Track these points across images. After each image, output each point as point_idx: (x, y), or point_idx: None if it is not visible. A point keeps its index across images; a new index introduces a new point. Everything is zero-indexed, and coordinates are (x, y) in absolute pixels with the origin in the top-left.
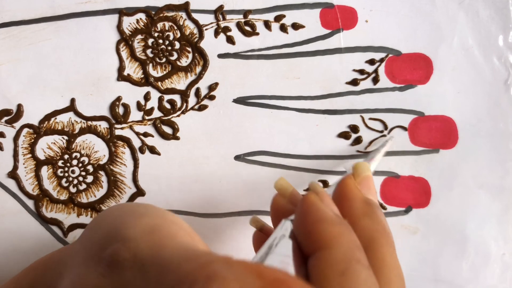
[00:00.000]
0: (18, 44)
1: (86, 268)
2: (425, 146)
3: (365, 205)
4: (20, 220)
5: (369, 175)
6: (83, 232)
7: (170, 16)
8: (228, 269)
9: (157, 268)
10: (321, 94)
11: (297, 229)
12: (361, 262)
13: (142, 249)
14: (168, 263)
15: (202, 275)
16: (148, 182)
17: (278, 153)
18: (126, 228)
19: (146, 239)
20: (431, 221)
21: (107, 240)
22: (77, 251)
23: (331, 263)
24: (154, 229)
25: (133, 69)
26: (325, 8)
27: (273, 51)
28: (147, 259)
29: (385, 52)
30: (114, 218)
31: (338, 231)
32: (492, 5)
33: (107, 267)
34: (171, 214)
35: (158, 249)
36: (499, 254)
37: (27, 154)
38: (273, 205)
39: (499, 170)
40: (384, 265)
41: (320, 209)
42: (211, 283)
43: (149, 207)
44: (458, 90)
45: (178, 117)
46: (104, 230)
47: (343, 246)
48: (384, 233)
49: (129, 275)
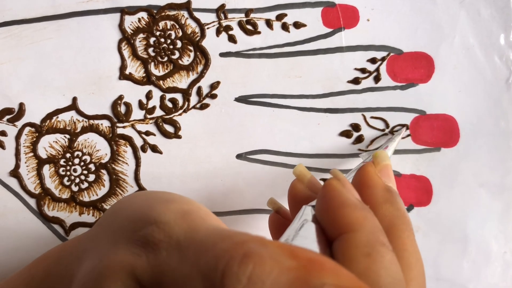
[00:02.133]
0: (19, 43)
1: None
2: (427, 144)
3: (386, 192)
4: (22, 218)
5: (389, 163)
6: (102, 218)
7: (172, 15)
8: (263, 247)
9: (194, 247)
10: (323, 92)
11: (320, 214)
12: (386, 245)
13: (177, 231)
14: (204, 243)
15: (238, 253)
16: (150, 180)
17: (279, 152)
18: (157, 213)
19: (179, 222)
20: (432, 219)
21: (138, 223)
22: (98, 235)
23: (356, 245)
24: (185, 213)
25: (135, 68)
26: (327, 7)
27: (275, 50)
28: (182, 240)
29: (386, 51)
30: (141, 203)
31: (362, 215)
32: (493, 4)
33: (141, 247)
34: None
35: (192, 230)
36: (500, 253)
37: (29, 152)
38: (291, 190)
39: (500, 169)
40: (405, 250)
41: (343, 194)
42: (247, 260)
43: (173, 194)
44: (459, 89)
45: (179, 116)
46: (132, 214)
47: (368, 229)
48: (404, 219)
49: (165, 254)
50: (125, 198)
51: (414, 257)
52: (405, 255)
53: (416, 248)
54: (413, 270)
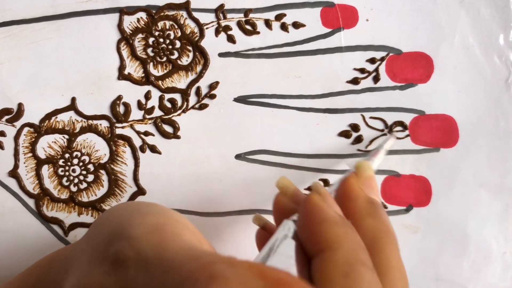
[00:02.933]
0: (18, 43)
1: (91, 266)
2: (426, 145)
3: (368, 204)
4: (21, 219)
5: (372, 174)
6: (88, 230)
7: (170, 15)
8: (231, 269)
9: (160, 267)
10: (322, 93)
11: (300, 230)
12: (365, 264)
13: (146, 248)
14: (171, 262)
15: (204, 275)
16: (149, 181)
17: (278, 152)
18: (130, 227)
19: (149, 238)
20: (431, 220)
21: (112, 239)
22: (82, 249)
23: (334, 265)
24: (158, 227)
25: (134, 68)
26: (326, 7)
27: (274, 50)
28: (150, 258)
29: (385, 51)
30: (119, 216)
31: (342, 232)
32: (493, 3)
33: (111, 265)
34: (176, 213)
35: (162, 248)
36: (500, 253)
37: (28, 153)
38: (275, 204)
39: (500, 169)
40: (388, 266)
41: (323, 209)
42: (213, 283)
43: (154, 206)
44: (458, 89)
45: (178, 116)
46: (108, 229)
47: (347, 247)
48: (388, 232)
49: (132, 273)
50: (108, 210)
51: (398, 273)
52: (388, 271)
53: (400, 263)
54: (397, 285)
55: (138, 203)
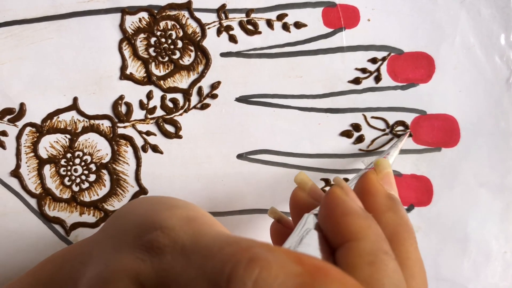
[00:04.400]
0: (20, 43)
1: (119, 254)
2: (427, 144)
3: (388, 200)
4: (23, 218)
5: (390, 171)
6: (106, 224)
7: (172, 15)
8: (270, 253)
9: (199, 252)
10: (323, 92)
11: (323, 222)
12: (389, 254)
13: (182, 236)
14: (209, 247)
15: (244, 257)
16: (151, 180)
17: (280, 152)
18: (162, 218)
19: (184, 228)
20: (432, 219)
21: (143, 229)
22: (103, 240)
23: (360, 254)
24: (190, 219)
25: (136, 68)
26: (327, 7)
27: (275, 50)
28: (188, 245)
29: (387, 51)
30: (146, 208)
31: (366, 224)
32: (494, 4)
33: (146, 252)
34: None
35: (198, 235)
36: (500, 253)
37: (30, 152)
38: (293, 198)
39: (501, 169)
40: (408, 258)
41: (347, 202)
42: (253, 265)
43: (177, 199)
44: (460, 88)
45: (180, 116)
46: (136, 220)
47: (371, 238)
48: (407, 227)
49: (169, 258)
50: (130, 203)
51: (417, 265)
52: (408, 264)
53: (419, 256)
54: (416, 278)
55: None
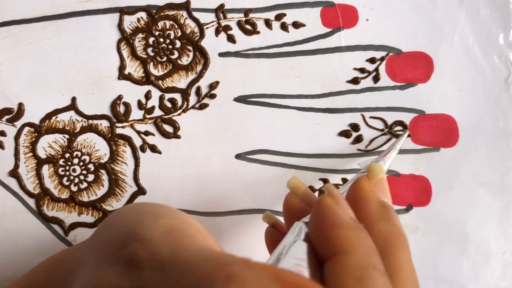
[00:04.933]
0: (18, 43)
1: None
2: (426, 144)
3: (381, 208)
4: (21, 219)
5: (384, 177)
6: (95, 231)
7: (171, 15)
8: (248, 270)
9: (177, 267)
10: (322, 92)
11: (312, 233)
12: (378, 269)
13: (161, 249)
14: (187, 263)
15: (221, 275)
16: (149, 180)
17: (279, 152)
18: (144, 229)
19: (164, 240)
20: (431, 219)
21: (124, 240)
22: (90, 249)
23: (348, 269)
24: (171, 230)
25: (134, 68)
26: (326, 6)
27: (274, 50)
28: (166, 259)
29: (385, 51)
30: (129, 218)
31: (355, 236)
32: (493, 3)
33: (125, 266)
34: (186, 215)
35: (177, 249)
36: (499, 253)
37: (28, 152)
38: (286, 203)
39: (500, 169)
40: (400, 270)
41: (337, 213)
42: (230, 283)
43: (164, 207)
44: (458, 88)
45: (179, 116)
46: (119, 230)
47: (360, 251)
48: (400, 236)
49: (147, 273)
50: (117, 211)
51: (410, 277)
52: (400, 276)
53: (411, 266)
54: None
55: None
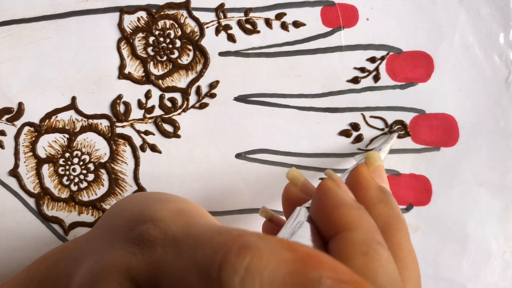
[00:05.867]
0: (18, 42)
1: (112, 249)
2: (426, 144)
3: (380, 192)
4: (21, 218)
5: (381, 164)
6: (99, 221)
7: (171, 14)
8: (261, 240)
9: (190, 242)
10: (322, 92)
11: (315, 214)
12: (382, 244)
13: (173, 228)
14: (200, 237)
15: (236, 245)
16: (149, 180)
17: (279, 151)
18: (153, 211)
19: (175, 220)
20: (431, 219)
21: (134, 222)
22: (95, 237)
23: (353, 244)
24: (181, 211)
25: (134, 67)
26: (326, 6)
27: (274, 49)
28: (178, 236)
29: (386, 50)
30: (138, 203)
31: (358, 214)
32: (493, 3)
33: (137, 245)
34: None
35: (189, 227)
36: (499, 252)
37: (28, 152)
38: (285, 193)
39: (500, 168)
40: (401, 249)
41: (339, 193)
42: (245, 252)
43: (171, 194)
44: (459, 88)
45: (179, 115)
46: (128, 214)
47: (364, 228)
48: (399, 219)
49: (160, 250)
50: (123, 200)
51: (410, 256)
52: (400, 255)
53: (411, 248)
54: (409, 269)
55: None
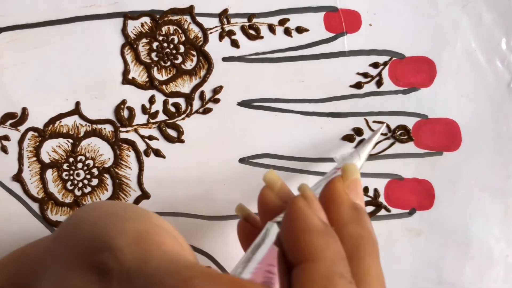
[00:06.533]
0: (22, 47)
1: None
2: (429, 148)
3: (352, 210)
4: (25, 223)
5: (358, 178)
6: (59, 230)
7: (174, 20)
8: (210, 284)
9: (143, 280)
10: (325, 97)
11: (283, 236)
12: (344, 276)
13: (129, 259)
14: (153, 275)
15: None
16: (153, 185)
17: (282, 156)
18: (112, 236)
19: (132, 249)
20: (434, 223)
21: (93, 246)
22: (54, 251)
23: (314, 278)
24: (140, 237)
25: (138, 73)
26: (329, 11)
27: (277, 55)
28: (133, 270)
29: (388, 55)
30: (96, 220)
31: (324, 243)
32: (495, 8)
33: (96, 274)
34: (154, 216)
35: (144, 260)
36: (502, 256)
37: (32, 157)
38: (260, 197)
39: (502, 173)
40: (368, 275)
41: (308, 217)
42: None
43: (132, 208)
44: (461, 93)
45: (182, 120)
46: (87, 233)
47: (328, 259)
48: (370, 240)
49: (116, 284)
50: (82, 210)
51: (377, 282)
52: (367, 280)
53: (379, 271)
54: None
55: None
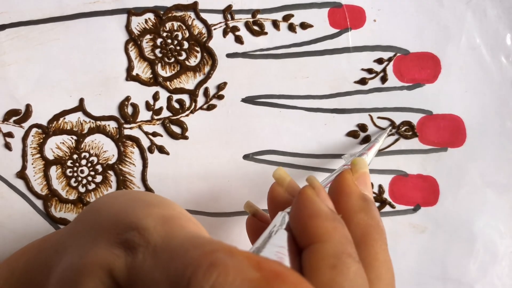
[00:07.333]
0: (26, 44)
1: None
2: (433, 144)
3: (361, 200)
4: (29, 220)
5: (367, 171)
6: (82, 214)
7: (178, 16)
8: (230, 258)
9: (167, 254)
10: (330, 93)
11: (292, 222)
12: (352, 256)
13: (155, 237)
14: (177, 250)
15: (205, 262)
16: (157, 181)
17: (286, 152)
18: (139, 218)
19: (158, 229)
20: (439, 219)
21: (121, 226)
22: (78, 231)
23: (323, 256)
24: (166, 220)
25: (142, 69)
26: (333, 7)
27: (282, 51)
28: (158, 246)
29: (393, 51)
30: (123, 204)
31: (332, 226)
32: (500, 4)
33: (122, 249)
34: (176, 204)
35: (169, 237)
36: (507, 252)
37: (36, 154)
38: (270, 193)
39: (507, 169)
40: (376, 260)
41: (316, 203)
42: (212, 269)
43: (155, 196)
44: (466, 89)
45: (187, 117)
46: (114, 215)
47: (335, 240)
48: (378, 228)
49: (141, 258)
50: (106, 197)
51: (385, 266)
52: (375, 265)
53: (387, 258)
54: (383, 279)
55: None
